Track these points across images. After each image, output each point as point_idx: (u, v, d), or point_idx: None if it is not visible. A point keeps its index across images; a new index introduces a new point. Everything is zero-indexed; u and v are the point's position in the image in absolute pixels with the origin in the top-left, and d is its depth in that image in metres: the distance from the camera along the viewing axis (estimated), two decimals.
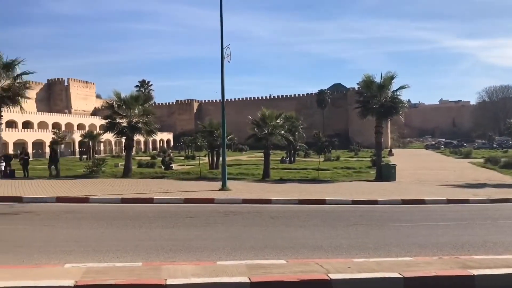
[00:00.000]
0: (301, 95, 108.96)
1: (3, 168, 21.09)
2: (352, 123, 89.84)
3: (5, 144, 58.95)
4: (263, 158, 24.37)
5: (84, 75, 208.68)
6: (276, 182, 20.82)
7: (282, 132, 24.36)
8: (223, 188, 16.69)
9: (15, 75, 23.34)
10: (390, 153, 56.34)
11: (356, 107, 25.33)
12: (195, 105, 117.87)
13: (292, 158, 41.16)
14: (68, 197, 13.98)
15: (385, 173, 21.98)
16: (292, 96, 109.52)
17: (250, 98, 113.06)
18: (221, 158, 23.62)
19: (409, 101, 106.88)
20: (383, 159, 26.42)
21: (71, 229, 9.23)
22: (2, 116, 23.75)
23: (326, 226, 10.18)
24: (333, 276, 5.12)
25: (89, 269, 5.39)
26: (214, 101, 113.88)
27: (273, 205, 13.79)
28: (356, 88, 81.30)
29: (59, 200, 13.57)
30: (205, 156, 34.81)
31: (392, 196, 15.65)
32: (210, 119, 38.30)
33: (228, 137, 29.44)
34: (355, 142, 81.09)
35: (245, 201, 14.14)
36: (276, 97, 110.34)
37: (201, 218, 10.97)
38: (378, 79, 23.10)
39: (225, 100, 18.09)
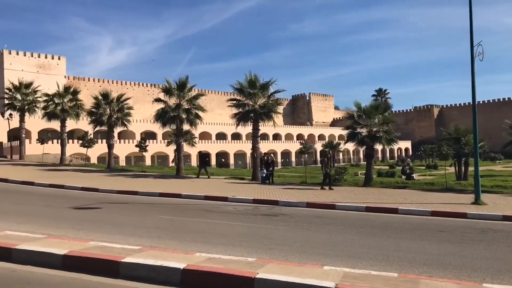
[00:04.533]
0: None
1: (264, 175, 24.15)
2: None
3: (275, 153, 67.95)
4: None
5: (323, 89, 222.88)
6: None
7: None
8: (477, 201, 14.91)
9: (269, 93, 26.71)
10: None
11: None
12: (436, 111, 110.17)
13: None
14: (316, 202, 14.98)
15: None
16: None
17: (504, 99, 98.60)
18: (470, 168, 21.39)
19: None
20: None
21: (322, 233, 9.83)
22: (259, 130, 27.47)
23: None
24: None
25: (347, 274, 5.58)
26: (458, 105, 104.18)
27: None
28: None
29: (309, 205, 14.68)
30: (450, 165, 32.15)
31: None
32: (456, 125, 35.18)
33: (479, 144, 26.32)
34: None
35: (506, 218, 12.27)
36: None
37: (454, 233, 10.06)
38: None
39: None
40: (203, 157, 27.96)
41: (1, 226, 8.63)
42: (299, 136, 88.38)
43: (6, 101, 39.04)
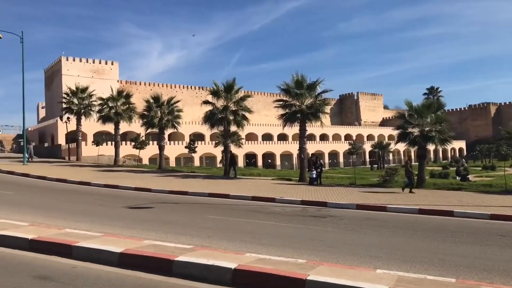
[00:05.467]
0: None
1: (314, 176, 23.86)
2: None
3: (322, 154, 67.52)
4: None
5: (372, 88, 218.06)
6: None
7: None
8: None
9: (316, 94, 26.42)
10: None
11: None
12: (493, 109, 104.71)
13: None
14: (366, 204, 14.66)
15: None
16: None
17: None
18: None
19: None
20: None
21: (374, 236, 9.59)
22: (307, 130, 27.23)
23: None
24: None
25: (401, 278, 5.41)
26: None
27: None
28: None
29: (359, 207, 14.39)
30: (510, 166, 30.48)
31: None
32: None
33: None
34: None
35: None
36: None
37: None
38: None
39: None
40: (232, 158, 29.03)
41: (61, 224, 9.11)
42: (347, 137, 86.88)
43: (64, 105, 41.16)
